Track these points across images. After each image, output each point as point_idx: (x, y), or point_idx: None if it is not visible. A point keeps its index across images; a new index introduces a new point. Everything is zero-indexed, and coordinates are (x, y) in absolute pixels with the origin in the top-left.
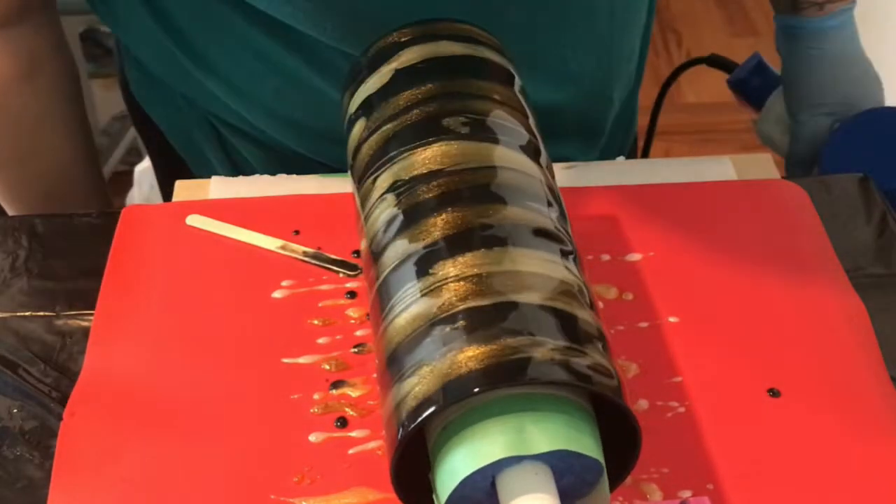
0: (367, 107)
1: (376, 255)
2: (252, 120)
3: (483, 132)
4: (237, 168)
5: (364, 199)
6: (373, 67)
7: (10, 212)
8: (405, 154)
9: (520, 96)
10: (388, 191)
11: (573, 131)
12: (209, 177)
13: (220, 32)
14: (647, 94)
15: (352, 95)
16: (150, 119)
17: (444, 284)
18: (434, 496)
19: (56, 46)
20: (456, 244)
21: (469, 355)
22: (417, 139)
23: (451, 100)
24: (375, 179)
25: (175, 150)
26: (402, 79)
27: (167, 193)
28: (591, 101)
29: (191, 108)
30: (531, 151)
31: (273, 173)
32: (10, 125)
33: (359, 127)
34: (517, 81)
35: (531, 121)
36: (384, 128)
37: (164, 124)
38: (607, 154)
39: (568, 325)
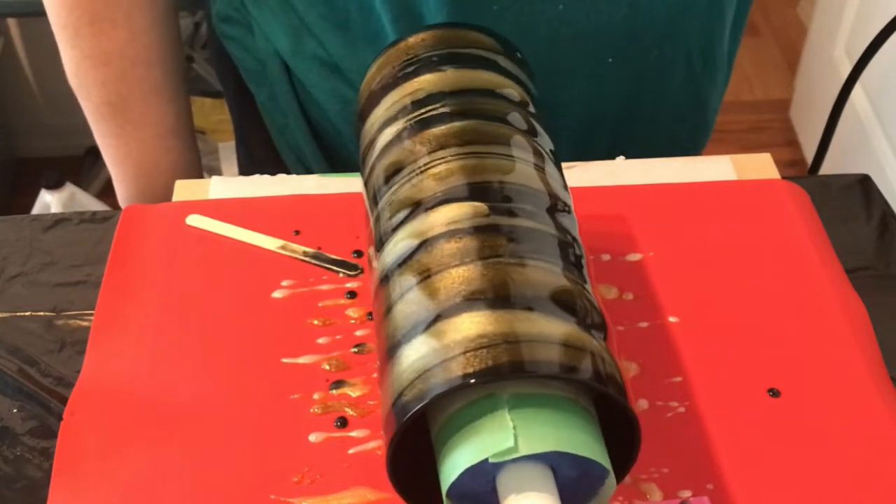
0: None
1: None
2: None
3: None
4: (304, 109)
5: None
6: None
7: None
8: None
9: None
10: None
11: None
12: (282, 119)
13: None
14: None
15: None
16: (229, 57)
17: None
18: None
19: None
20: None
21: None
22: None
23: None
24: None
25: (251, 96)
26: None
27: (240, 137)
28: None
29: (265, 41)
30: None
31: (335, 107)
32: None
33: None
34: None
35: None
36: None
37: (239, 58)
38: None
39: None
